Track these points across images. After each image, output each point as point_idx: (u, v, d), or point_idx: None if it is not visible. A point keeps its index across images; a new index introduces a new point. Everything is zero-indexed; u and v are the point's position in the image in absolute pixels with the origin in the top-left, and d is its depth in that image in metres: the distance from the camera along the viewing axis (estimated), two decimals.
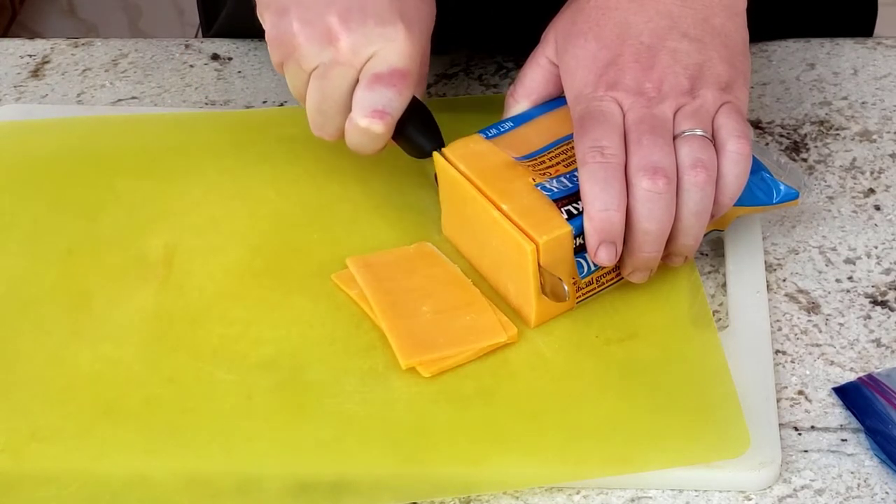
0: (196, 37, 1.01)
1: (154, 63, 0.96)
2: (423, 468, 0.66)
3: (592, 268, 0.72)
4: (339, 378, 0.70)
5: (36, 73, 0.95)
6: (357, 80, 0.73)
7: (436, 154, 0.75)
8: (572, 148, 0.73)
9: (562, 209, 0.70)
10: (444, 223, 0.78)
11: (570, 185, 0.71)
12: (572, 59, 0.74)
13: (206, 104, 0.91)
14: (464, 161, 0.74)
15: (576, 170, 0.71)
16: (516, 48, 0.93)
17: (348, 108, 0.74)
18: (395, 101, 0.73)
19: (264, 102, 0.91)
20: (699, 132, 0.70)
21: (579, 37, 0.74)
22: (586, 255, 0.70)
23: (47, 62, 0.96)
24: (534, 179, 0.72)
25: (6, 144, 0.87)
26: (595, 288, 0.73)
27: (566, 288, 0.70)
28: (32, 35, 2.40)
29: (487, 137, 0.76)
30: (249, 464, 0.66)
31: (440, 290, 0.74)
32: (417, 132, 0.76)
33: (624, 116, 0.71)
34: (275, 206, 0.81)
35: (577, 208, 0.70)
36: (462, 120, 0.76)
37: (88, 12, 2.64)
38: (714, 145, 0.71)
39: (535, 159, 0.74)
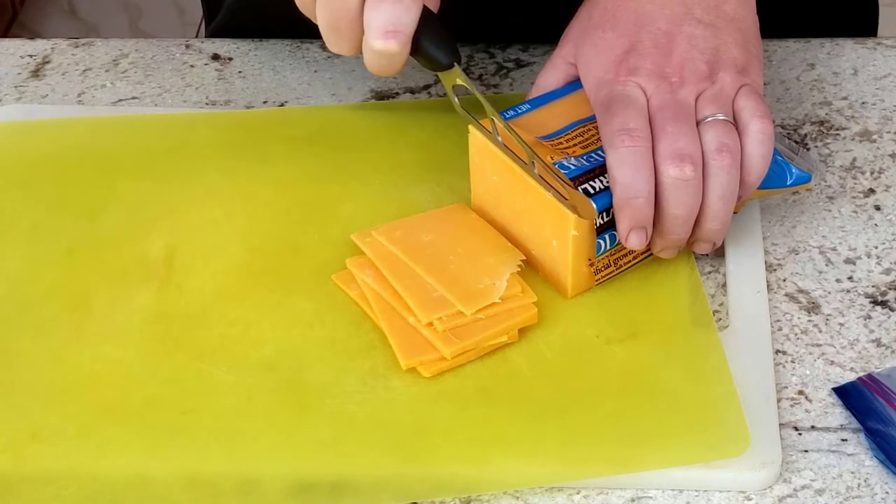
0: (197, 36, 1.01)
1: (154, 63, 0.96)
2: (424, 468, 0.66)
3: (608, 246, 0.73)
4: (340, 378, 0.70)
5: (36, 74, 0.95)
6: None
7: (470, 128, 0.76)
8: (589, 130, 0.75)
9: (578, 187, 0.71)
10: (473, 196, 0.79)
11: (587, 164, 0.72)
12: (591, 49, 0.75)
13: (207, 104, 0.91)
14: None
15: (593, 152, 0.73)
16: (516, 48, 0.93)
17: (361, 22, 0.72)
18: (404, 17, 0.71)
19: (264, 102, 0.91)
20: (721, 116, 0.71)
21: (597, 28, 0.76)
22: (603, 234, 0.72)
23: (48, 62, 0.96)
24: (552, 158, 0.73)
25: (6, 144, 0.87)
26: (613, 270, 0.74)
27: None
28: (33, 35, 2.40)
29: (505, 119, 0.76)
30: (249, 464, 0.66)
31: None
32: (432, 45, 0.74)
33: (647, 101, 0.72)
34: (275, 206, 0.81)
35: (593, 186, 0.71)
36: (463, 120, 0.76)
37: (89, 12, 2.64)
38: (736, 127, 0.72)
39: (552, 141, 0.75)
